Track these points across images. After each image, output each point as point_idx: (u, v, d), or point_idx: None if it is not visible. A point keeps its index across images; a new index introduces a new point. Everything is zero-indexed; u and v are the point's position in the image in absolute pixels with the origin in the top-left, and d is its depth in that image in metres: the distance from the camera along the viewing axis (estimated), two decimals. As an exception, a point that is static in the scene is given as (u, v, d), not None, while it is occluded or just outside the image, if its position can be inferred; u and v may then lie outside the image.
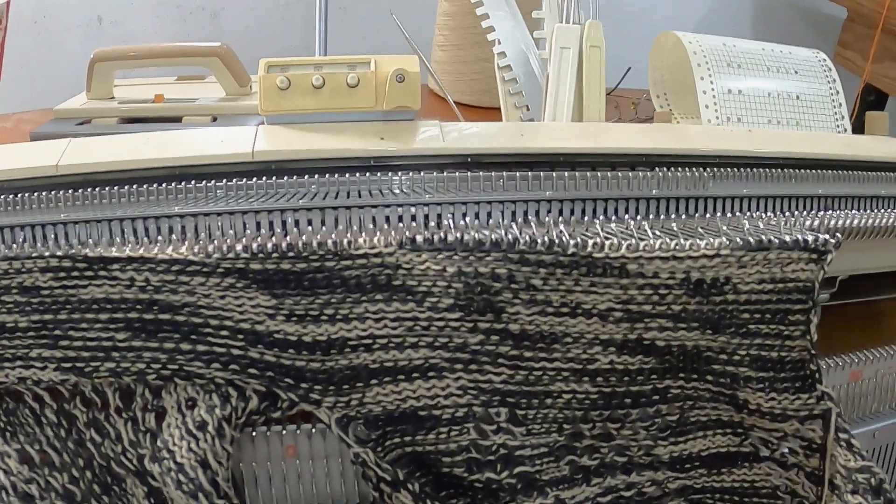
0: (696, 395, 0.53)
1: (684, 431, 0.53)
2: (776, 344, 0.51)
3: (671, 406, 0.52)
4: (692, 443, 0.54)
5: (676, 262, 0.48)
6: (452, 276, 0.48)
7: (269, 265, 0.48)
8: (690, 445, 0.54)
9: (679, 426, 0.53)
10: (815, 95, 0.77)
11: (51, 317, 0.50)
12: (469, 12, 0.84)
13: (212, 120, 0.98)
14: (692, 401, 0.53)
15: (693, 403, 0.53)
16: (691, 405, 0.53)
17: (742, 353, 0.51)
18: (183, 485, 0.50)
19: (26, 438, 0.52)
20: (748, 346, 0.51)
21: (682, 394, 0.53)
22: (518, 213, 0.55)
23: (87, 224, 0.53)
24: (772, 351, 0.51)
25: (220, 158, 0.57)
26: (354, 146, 0.58)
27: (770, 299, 0.50)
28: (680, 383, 0.52)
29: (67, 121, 0.98)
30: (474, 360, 0.50)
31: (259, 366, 0.50)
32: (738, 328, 0.51)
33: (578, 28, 0.72)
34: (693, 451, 0.54)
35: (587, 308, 0.50)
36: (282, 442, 0.53)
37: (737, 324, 0.50)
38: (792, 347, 0.51)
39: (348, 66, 0.61)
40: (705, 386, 0.52)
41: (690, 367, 0.52)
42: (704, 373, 0.52)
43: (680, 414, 0.53)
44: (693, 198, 0.58)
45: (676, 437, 0.53)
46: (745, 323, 0.50)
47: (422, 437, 0.51)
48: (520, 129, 0.63)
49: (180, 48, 1.05)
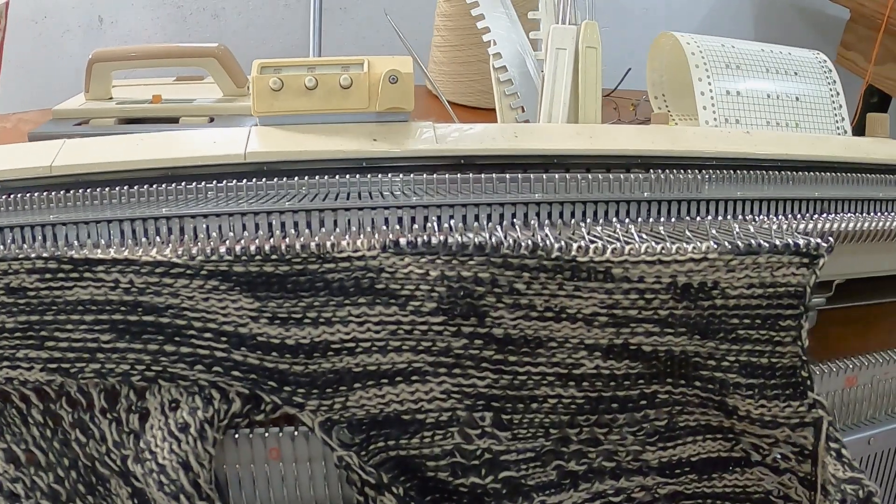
0: (684, 400, 0.52)
1: (673, 437, 0.53)
2: (766, 350, 0.50)
3: (659, 411, 0.52)
4: (682, 448, 0.53)
5: (662, 266, 0.48)
6: (435, 280, 0.48)
7: (252, 268, 0.48)
8: (680, 451, 0.53)
9: (668, 431, 0.52)
10: (814, 97, 0.76)
11: (37, 318, 0.49)
12: (466, 14, 0.84)
13: (209, 121, 0.98)
14: (680, 406, 0.52)
15: (682, 409, 0.52)
16: (679, 410, 0.52)
17: (731, 359, 0.50)
18: (165, 486, 0.50)
19: (13, 438, 0.52)
20: (737, 352, 0.50)
21: (669, 399, 0.52)
22: (509, 216, 0.55)
23: (77, 225, 0.53)
24: (762, 357, 0.50)
25: (212, 160, 0.57)
26: (347, 147, 0.58)
27: (760, 304, 0.49)
28: (668, 388, 0.52)
29: (66, 121, 0.98)
30: (458, 364, 0.50)
31: (242, 368, 0.50)
32: (726, 333, 0.50)
33: (574, 29, 0.72)
34: (683, 456, 0.53)
35: (572, 312, 0.49)
36: (265, 444, 0.53)
37: (725, 329, 0.50)
38: (783, 354, 0.50)
39: (341, 67, 0.61)
40: (693, 391, 0.52)
41: (678, 373, 0.51)
42: (692, 378, 0.51)
43: (668, 419, 0.52)
44: (686, 200, 0.58)
45: (665, 443, 0.53)
46: (734, 328, 0.50)
47: (406, 440, 0.51)
48: (514, 131, 0.62)
49: (178, 49, 1.05)
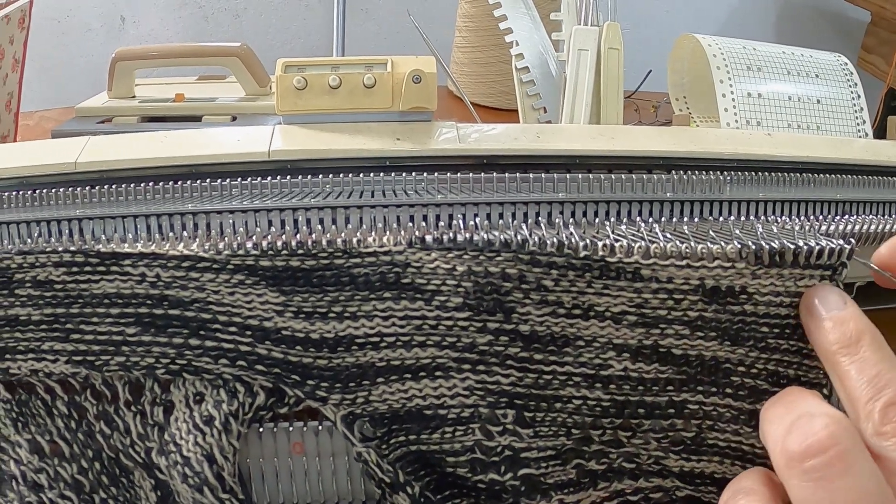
0: (714, 413, 0.50)
1: (699, 451, 0.51)
2: (794, 361, 0.49)
3: (688, 422, 0.50)
4: (706, 463, 0.51)
5: (690, 269, 0.47)
6: (462, 275, 0.48)
7: (278, 262, 0.48)
8: (704, 465, 0.51)
9: (694, 445, 0.51)
10: (836, 99, 0.76)
11: (63, 310, 0.50)
12: (488, 14, 0.84)
13: (231, 119, 0.99)
14: (711, 421, 0.50)
15: (712, 424, 0.50)
16: (710, 426, 0.50)
17: (760, 366, 0.49)
18: (189, 478, 0.50)
19: (37, 429, 0.52)
20: (766, 361, 0.49)
21: (699, 410, 0.50)
22: (532, 215, 0.55)
23: (103, 220, 0.53)
24: (789, 368, 0.49)
25: (236, 157, 0.57)
26: (370, 146, 0.58)
27: (789, 314, 0.48)
28: (698, 398, 0.50)
29: (88, 119, 0.99)
30: (482, 360, 0.49)
31: (266, 362, 0.50)
32: (757, 342, 0.48)
33: (596, 30, 0.72)
34: (706, 470, 0.51)
35: (600, 310, 0.48)
36: (288, 438, 0.53)
37: (756, 337, 0.48)
38: (809, 367, 0.49)
39: (365, 66, 0.61)
40: (725, 401, 0.50)
41: (708, 380, 0.49)
42: (723, 385, 0.49)
43: (697, 433, 0.50)
44: (709, 201, 0.58)
45: (690, 455, 0.51)
46: (764, 337, 0.48)
47: (426, 436, 0.51)
48: (536, 131, 0.62)
49: (201, 48, 1.06)
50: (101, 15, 1.65)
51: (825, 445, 0.39)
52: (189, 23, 1.66)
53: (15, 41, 1.07)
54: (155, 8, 1.66)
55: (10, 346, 0.51)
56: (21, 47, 1.10)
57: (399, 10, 1.63)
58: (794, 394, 0.46)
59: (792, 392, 0.46)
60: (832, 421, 0.40)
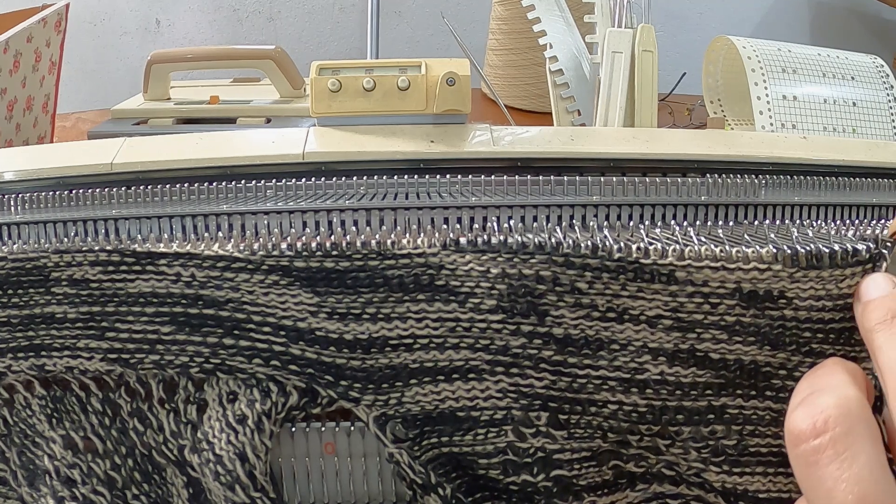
0: (755, 418, 0.49)
1: (741, 462, 0.49)
2: None
3: (728, 428, 0.49)
4: (749, 478, 0.50)
5: (726, 272, 0.46)
6: (496, 278, 0.48)
7: (312, 263, 0.48)
8: (747, 481, 0.50)
9: (737, 454, 0.49)
10: (871, 102, 0.75)
11: (99, 309, 0.50)
12: (522, 17, 0.84)
13: (266, 121, 0.99)
14: (752, 426, 0.49)
15: (753, 429, 0.49)
16: (751, 431, 0.49)
17: (804, 370, 0.47)
18: (221, 476, 0.50)
19: (71, 425, 0.53)
20: (810, 365, 0.47)
21: (739, 415, 0.49)
22: (565, 218, 0.55)
23: (138, 220, 0.54)
24: None
25: (270, 159, 0.58)
26: (404, 149, 0.58)
27: (833, 318, 0.47)
28: (738, 402, 0.49)
29: (124, 120, 1.01)
30: (516, 363, 0.49)
31: (300, 362, 0.50)
32: (799, 346, 0.47)
33: (630, 32, 0.72)
34: (750, 488, 0.50)
35: (635, 314, 0.48)
36: (321, 438, 0.53)
37: (798, 342, 0.47)
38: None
39: (399, 69, 0.61)
40: (765, 404, 0.49)
41: (748, 384, 0.48)
42: (763, 389, 0.48)
43: (738, 440, 0.49)
44: (744, 205, 0.57)
45: (731, 467, 0.49)
46: (808, 342, 0.47)
47: (459, 437, 0.51)
48: (570, 134, 0.62)
49: (235, 51, 1.07)
50: (137, 18, 1.67)
51: (818, 430, 0.39)
52: (223, 26, 1.67)
53: (51, 44, 1.08)
54: (190, 11, 1.67)
55: (46, 343, 0.51)
56: (58, 50, 1.11)
57: (433, 13, 1.63)
58: (825, 367, 0.45)
59: (825, 365, 0.45)
60: (833, 404, 0.39)
